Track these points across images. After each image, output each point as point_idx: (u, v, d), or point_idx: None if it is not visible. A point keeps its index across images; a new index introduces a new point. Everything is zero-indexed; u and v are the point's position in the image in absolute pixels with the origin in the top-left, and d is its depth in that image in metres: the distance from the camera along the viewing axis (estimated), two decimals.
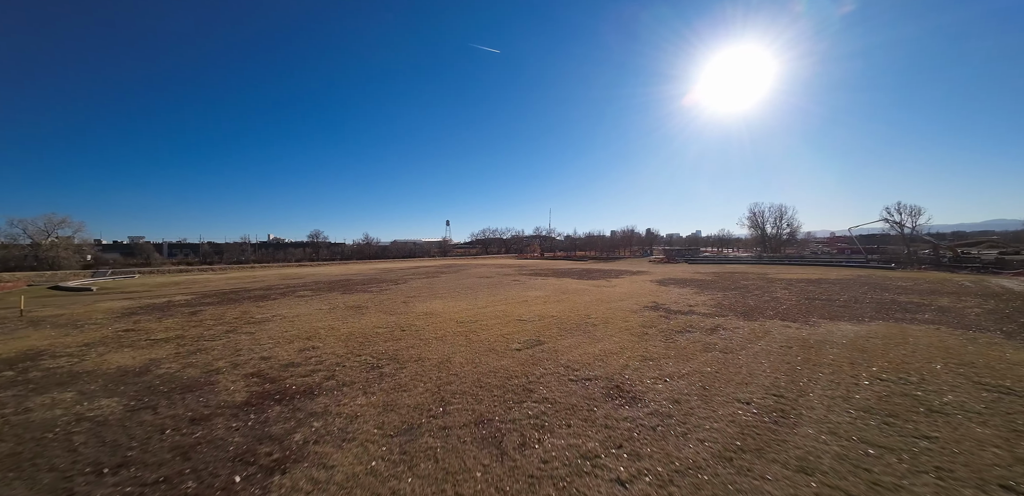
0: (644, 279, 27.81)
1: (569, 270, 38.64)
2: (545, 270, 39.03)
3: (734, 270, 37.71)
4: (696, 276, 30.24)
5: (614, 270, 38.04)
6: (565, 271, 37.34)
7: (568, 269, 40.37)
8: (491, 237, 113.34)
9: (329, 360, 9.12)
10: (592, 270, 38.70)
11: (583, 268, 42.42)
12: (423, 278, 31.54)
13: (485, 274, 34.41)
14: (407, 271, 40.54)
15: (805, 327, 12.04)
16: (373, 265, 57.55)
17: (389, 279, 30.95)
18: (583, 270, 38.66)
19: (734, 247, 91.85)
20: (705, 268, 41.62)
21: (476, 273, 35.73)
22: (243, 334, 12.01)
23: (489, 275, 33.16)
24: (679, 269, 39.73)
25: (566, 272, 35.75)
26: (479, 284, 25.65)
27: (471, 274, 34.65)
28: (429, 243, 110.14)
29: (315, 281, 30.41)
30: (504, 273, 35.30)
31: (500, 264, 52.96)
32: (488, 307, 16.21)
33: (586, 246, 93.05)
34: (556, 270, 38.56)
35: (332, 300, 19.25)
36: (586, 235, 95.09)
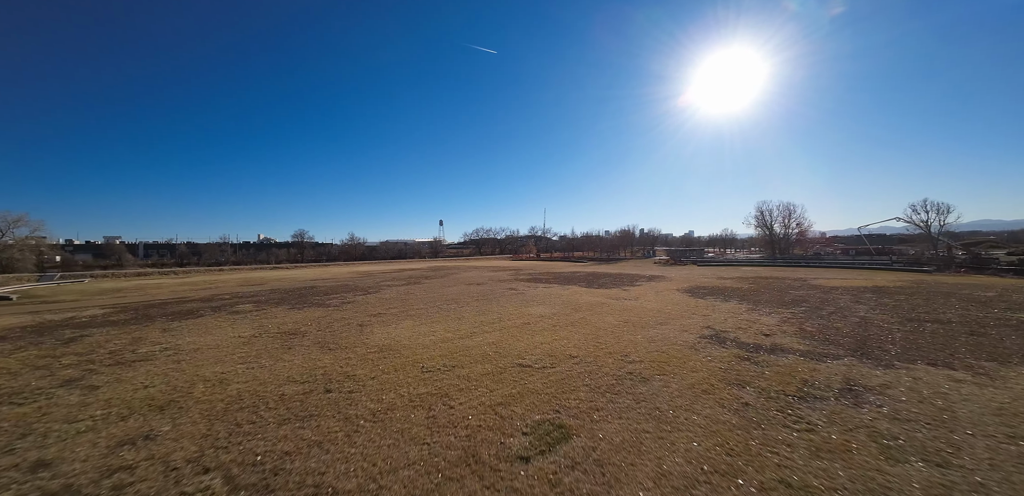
0: (667, 287, 23.07)
1: (573, 275, 33.84)
2: (545, 274, 34.19)
3: (758, 274, 33.13)
4: (725, 283, 25.57)
5: (624, 275, 33.29)
6: (568, 276, 32.55)
7: (571, 273, 35.56)
8: (485, 237, 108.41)
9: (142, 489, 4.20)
10: (599, 274, 33.93)
11: (588, 272, 37.65)
12: (402, 285, 26.57)
13: (476, 279, 29.52)
14: (388, 275, 35.52)
15: (989, 381, 7.32)
16: (354, 267, 52.37)
17: (362, 286, 25.94)
18: (589, 275, 33.87)
19: (737, 247, 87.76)
20: (724, 271, 37.02)
21: (466, 278, 30.82)
22: (75, 390, 7.19)
23: (480, 281, 28.26)
24: (696, 273, 35.10)
25: (570, 277, 30.95)
26: (467, 294, 20.77)
27: (460, 279, 29.73)
28: (420, 243, 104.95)
29: (273, 289, 25.33)
30: (498, 278, 30.42)
31: (494, 266, 48.10)
32: (474, 336, 11.34)
33: (583, 246, 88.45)
34: (558, 275, 33.73)
35: (269, 320, 14.29)
36: (583, 235, 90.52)
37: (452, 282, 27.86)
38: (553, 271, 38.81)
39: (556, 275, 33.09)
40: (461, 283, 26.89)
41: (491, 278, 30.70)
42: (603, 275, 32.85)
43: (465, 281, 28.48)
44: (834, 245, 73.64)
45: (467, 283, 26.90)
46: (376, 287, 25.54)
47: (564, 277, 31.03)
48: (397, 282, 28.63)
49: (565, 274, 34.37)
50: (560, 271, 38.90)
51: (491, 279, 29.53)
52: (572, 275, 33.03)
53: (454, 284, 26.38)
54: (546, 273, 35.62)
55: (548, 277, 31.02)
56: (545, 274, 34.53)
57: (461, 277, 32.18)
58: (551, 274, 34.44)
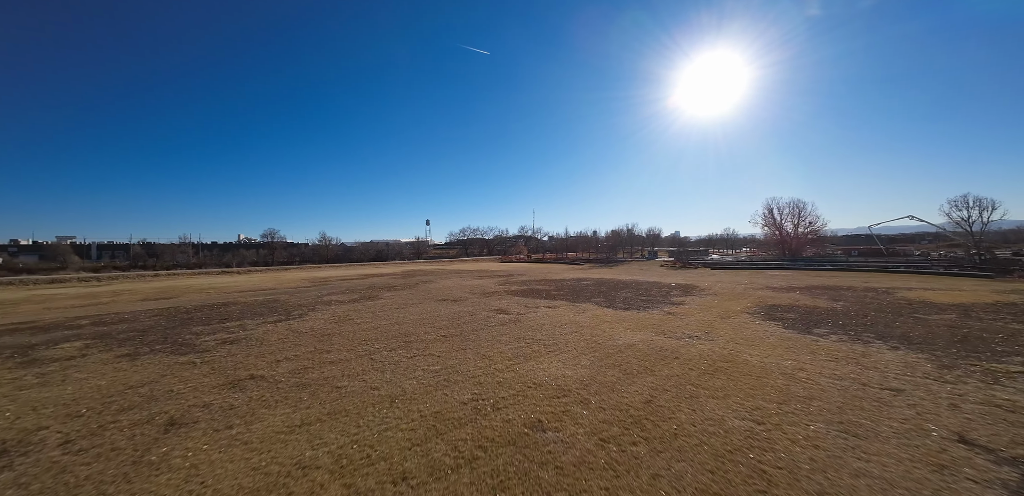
0: (725, 308, 16.00)
1: (579, 283, 26.64)
2: (543, 283, 26.94)
3: (804, 281, 26.44)
4: (793, 298, 18.67)
5: (644, 284, 26.23)
6: (573, 285, 25.36)
7: (575, 281, 28.37)
8: (472, 237, 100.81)
9: None
10: (612, 283, 26.83)
11: (596, 279, 30.50)
12: (351, 300, 19.00)
13: (454, 292, 22.12)
14: (345, 284, 27.85)
15: None
16: (314, 272, 44.32)
17: (294, 303, 18.33)
18: (599, 283, 26.72)
19: (737, 248, 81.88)
20: (758, 278, 30.30)
21: (441, 290, 23.40)
22: None
23: (459, 295, 20.88)
24: (727, 280, 28.33)
25: (577, 288, 23.78)
26: (432, 323, 13.35)
27: (433, 292, 22.29)
28: (402, 244, 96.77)
29: (172, 306, 17.60)
30: (483, 289, 23.08)
31: (480, 271, 40.74)
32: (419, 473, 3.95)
33: (576, 246, 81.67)
34: (559, 284, 26.51)
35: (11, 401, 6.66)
36: (577, 235, 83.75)
37: (420, 296, 20.41)
38: (551, 277, 31.60)
39: (558, 284, 25.85)
40: (432, 298, 19.47)
41: (474, 289, 23.32)
42: (618, 284, 25.73)
43: (439, 294, 21.07)
44: (822, 245, 68.09)
45: (440, 298, 19.49)
46: (312, 305, 17.98)
47: (569, 287, 23.82)
48: (348, 295, 21.05)
49: (568, 282, 27.16)
50: (560, 277, 31.69)
51: (474, 291, 22.15)
52: (578, 284, 25.81)
53: (422, 300, 18.95)
54: (544, 281, 28.37)
55: (548, 288, 23.77)
56: (543, 282, 27.28)
57: (436, 287, 24.73)
58: (550, 282, 27.20)
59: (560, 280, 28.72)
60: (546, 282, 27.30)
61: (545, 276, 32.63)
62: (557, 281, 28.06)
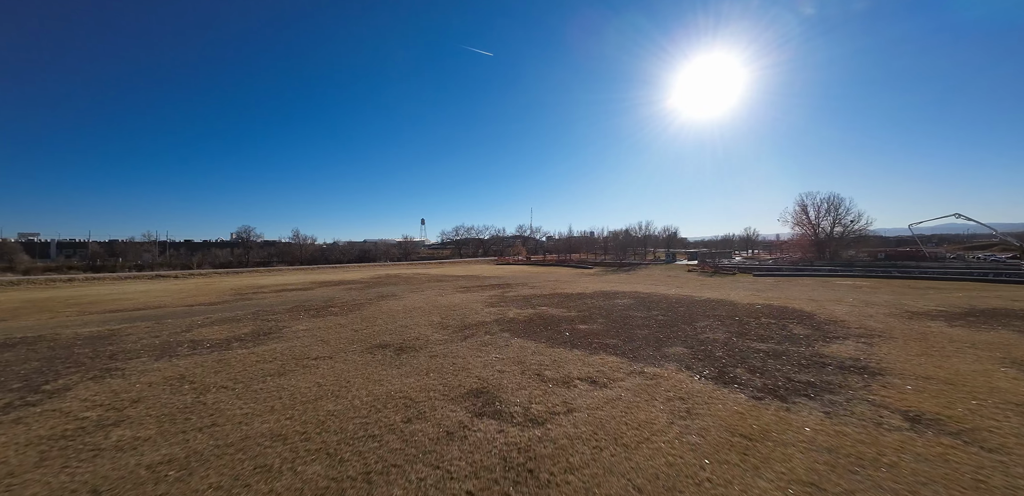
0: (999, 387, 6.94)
1: (608, 301, 17.67)
2: (558, 301, 17.96)
3: (949, 301, 17.64)
4: (1002, 341, 9.73)
5: (707, 303, 17.33)
6: (601, 305, 16.39)
7: (601, 297, 19.40)
8: (466, 237, 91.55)
9: None
10: (659, 301, 17.90)
11: (627, 291, 21.54)
12: (240, 342, 9.75)
13: (414, 320, 13.00)
14: (274, 299, 18.73)
15: None
16: (262, 278, 35.05)
17: (143, 344, 9.06)
18: (639, 301, 17.80)
19: (755, 250, 73.16)
20: (863, 294, 21.52)
21: (398, 315, 14.30)
22: None
23: (418, 333, 11.74)
24: (819, 295, 19.55)
25: (610, 311, 14.85)
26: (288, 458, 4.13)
27: (381, 320, 13.16)
28: (390, 244, 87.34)
29: None
30: (466, 318, 14.03)
31: (469, 277, 31.77)
32: None
33: (580, 247, 72.81)
34: (582, 303, 17.52)
35: None
36: (581, 234, 74.81)
37: (347, 337, 11.30)
38: (564, 289, 22.60)
39: (580, 305, 16.83)
40: (360, 345, 10.37)
41: (449, 315, 14.29)
42: (670, 304, 16.75)
43: (382, 330, 11.96)
44: (861, 247, 59.20)
45: (375, 343, 10.40)
46: (172, 346, 8.89)
47: (600, 312, 14.81)
48: (224, 330, 11.92)
49: (594, 300, 18.12)
50: (575, 289, 22.69)
51: (446, 323, 13.13)
52: (610, 305, 16.77)
53: (336, 350, 9.83)
54: (557, 297, 19.35)
55: (569, 313, 14.74)
56: (556, 300, 18.25)
57: (392, 310, 15.69)
58: (567, 300, 18.18)
59: (579, 296, 19.70)
60: (560, 299, 18.28)
61: (555, 288, 23.58)
62: (575, 297, 19.06)
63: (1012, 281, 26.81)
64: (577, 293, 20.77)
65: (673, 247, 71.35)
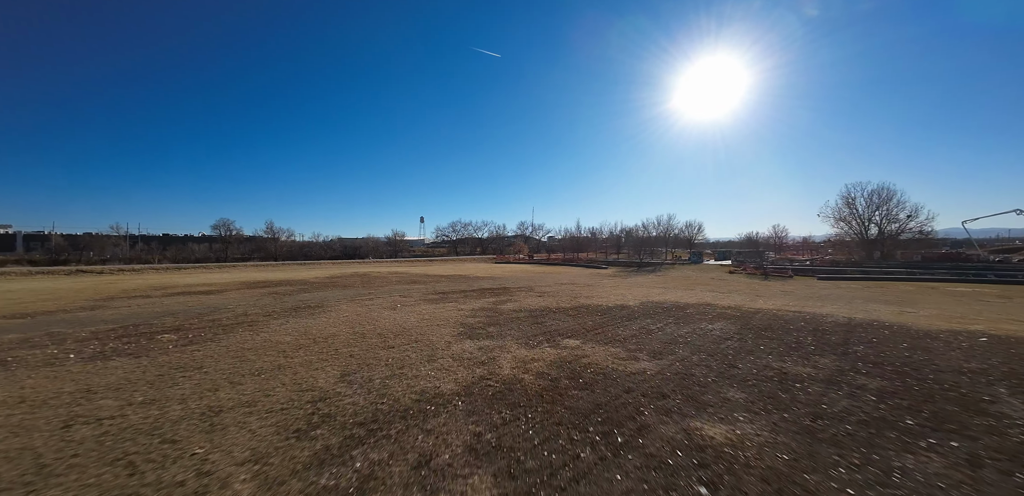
0: None
1: (681, 317, 9.82)
2: (590, 314, 10.11)
3: None
4: None
5: (833, 323, 9.33)
6: (683, 323, 8.61)
7: (667, 311, 11.53)
8: (463, 235, 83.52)
9: None
10: (796, 325, 9.78)
11: (698, 302, 13.66)
12: None
13: (297, 365, 5.12)
14: (176, 300, 10.84)
15: None
16: (193, 276, 27.00)
17: None
18: (743, 318, 9.82)
19: (791, 251, 64.70)
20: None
21: (291, 347, 6.37)
22: None
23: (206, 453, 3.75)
24: (974, 304, 11.55)
25: (710, 336, 7.05)
26: None
27: (237, 361, 5.25)
28: (381, 241, 79.42)
29: None
30: (397, 389, 6.08)
31: (457, 277, 23.91)
32: None
33: (589, 246, 64.91)
34: (645, 322, 9.70)
35: None
36: (590, 231, 66.90)
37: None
38: (588, 299, 14.72)
39: (642, 334, 8.99)
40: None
41: (371, 363, 6.38)
42: (803, 327, 8.79)
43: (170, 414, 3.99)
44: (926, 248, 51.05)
45: None
46: None
47: (707, 356, 6.93)
48: None
49: (656, 320, 10.19)
50: (607, 298, 14.79)
51: (338, 396, 5.03)
52: (709, 336, 8.86)
53: None
54: (582, 310, 11.50)
55: (636, 360, 6.92)
56: (583, 316, 10.38)
57: (284, 341, 7.89)
58: (602, 317, 10.29)
59: (621, 311, 11.83)
60: (595, 320, 10.45)
61: (575, 296, 15.72)
62: (618, 316, 11.18)
63: None
64: (615, 306, 12.89)
65: (694, 246, 63.13)
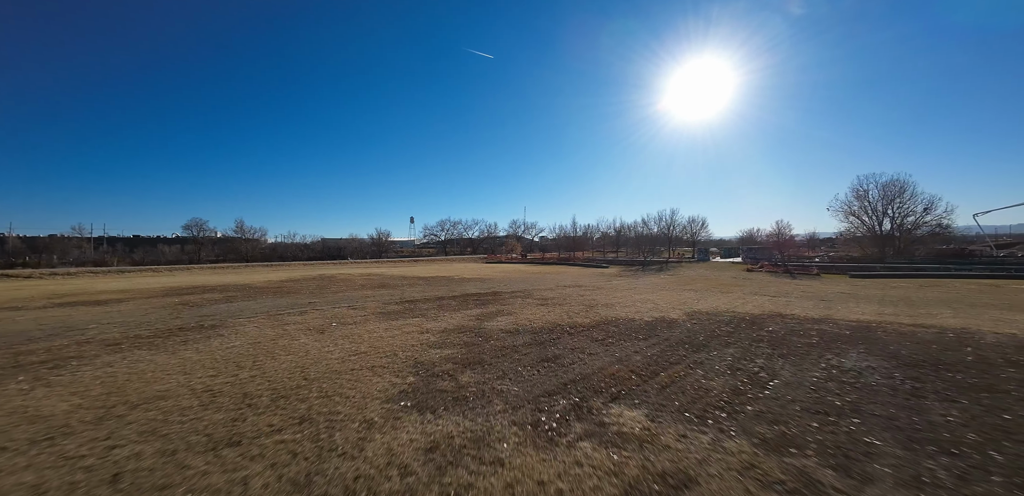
0: None
1: (780, 339, 5.46)
2: (640, 339, 5.85)
3: None
4: None
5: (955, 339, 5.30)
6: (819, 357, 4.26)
7: (758, 328, 7.20)
8: (452, 234, 78.99)
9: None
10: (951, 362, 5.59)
11: (773, 313, 9.53)
12: None
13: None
14: (51, 313, 6.50)
15: None
16: (119, 281, 22.26)
17: None
18: (866, 340, 5.56)
19: (802, 248, 61.56)
20: None
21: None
22: None
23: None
24: None
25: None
26: None
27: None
28: (363, 241, 74.62)
29: None
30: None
31: (439, 279, 19.64)
32: None
33: (585, 244, 61.14)
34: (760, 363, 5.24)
35: None
36: (585, 229, 63.17)
37: None
38: (614, 310, 10.71)
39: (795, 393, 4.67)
40: None
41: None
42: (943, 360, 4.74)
43: None
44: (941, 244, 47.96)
45: None
46: None
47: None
48: None
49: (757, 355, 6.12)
50: (637, 308, 10.81)
51: None
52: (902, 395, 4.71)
53: None
54: (612, 327, 7.45)
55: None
56: (629, 340, 6.29)
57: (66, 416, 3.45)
58: (663, 359, 6.20)
59: (669, 328, 7.86)
60: (644, 350, 6.35)
61: (592, 305, 11.80)
62: (665, 336, 7.16)
63: None
64: (655, 320, 8.89)
65: (697, 244, 59.50)
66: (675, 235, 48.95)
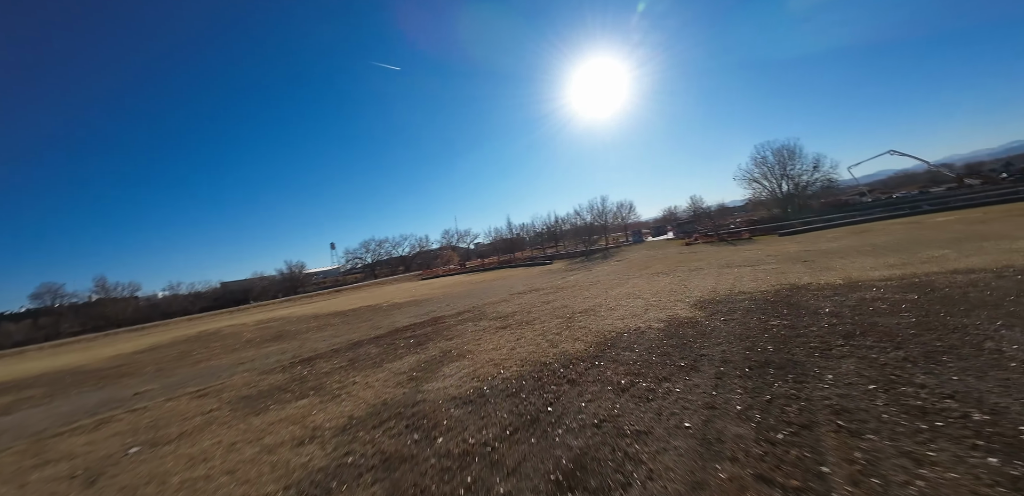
0: None
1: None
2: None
3: None
4: None
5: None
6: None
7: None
8: (379, 255, 71.94)
9: None
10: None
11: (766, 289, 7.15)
12: None
13: None
14: None
15: None
16: None
17: None
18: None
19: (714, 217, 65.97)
20: None
21: None
22: None
23: None
24: None
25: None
26: None
27: None
28: (271, 279, 64.54)
29: None
30: None
31: (363, 310, 15.27)
32: None
33: (523, 243, 59.22)
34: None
35: None
36: (521, 228, 61.25)
37: None
38: (608, 321, 7.87)
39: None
40: None
41: None
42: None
43: None
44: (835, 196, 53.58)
45: None
46: None
47: None
48: None
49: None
50: (635, 310, 8.13)
51: None
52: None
53: None
54: (654, 372, 4.30)
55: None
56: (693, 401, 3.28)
57: None
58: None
59: (703, 343, 5.06)
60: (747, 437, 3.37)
61: (568, 320, 8.84)
62: (708, 370, 4.35)
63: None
64: (674, 324, 6.16)
65: (629, 227, 60.25)
66: (608, 222, 48.90)
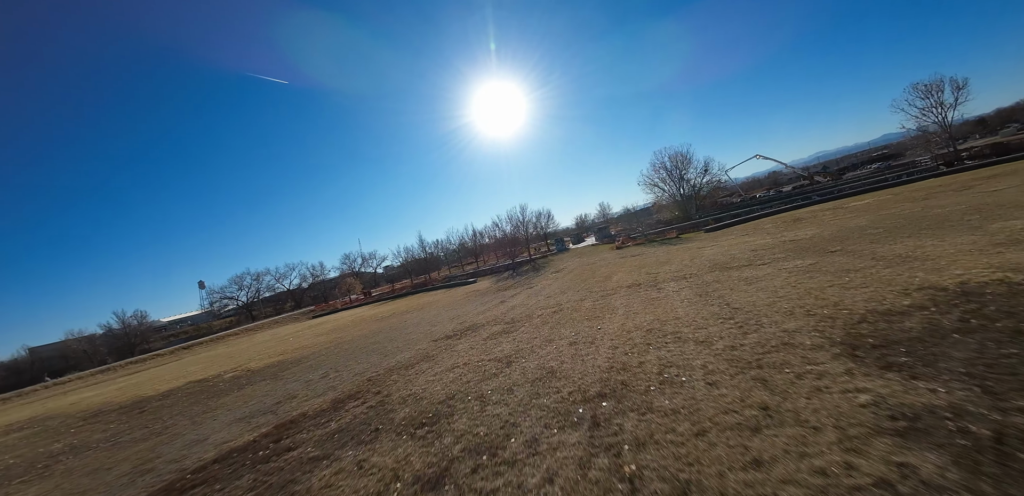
0: None
1: None
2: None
3: None
4: None
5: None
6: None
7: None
8: (256, 293, 58.12)
9: None
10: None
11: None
12: None
13: None
14: None
15: None
16: None
17: None
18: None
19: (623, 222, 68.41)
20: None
21: None
22: None
23: None
24: None
25: None
26: None
27: None
28: (95, 338, 47.30)
29: None
30: None
31: (197, 385, 8.54)
32: None
33: (438, 263, 53.48)
34: None
35: None
36: (434, 246, 55.44)
37: None
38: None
39: None
40: None
41: None
42: None
43: None
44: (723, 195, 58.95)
45: None
46: None
47: None
48: None
49: None
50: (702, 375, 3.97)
51: None
52: None
53: None
54: None
55: None
56: None
57: None
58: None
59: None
60: None
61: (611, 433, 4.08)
62: None
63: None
64: None
65: (549, 235, 58.32)
66: (529, 232, 46.29)
